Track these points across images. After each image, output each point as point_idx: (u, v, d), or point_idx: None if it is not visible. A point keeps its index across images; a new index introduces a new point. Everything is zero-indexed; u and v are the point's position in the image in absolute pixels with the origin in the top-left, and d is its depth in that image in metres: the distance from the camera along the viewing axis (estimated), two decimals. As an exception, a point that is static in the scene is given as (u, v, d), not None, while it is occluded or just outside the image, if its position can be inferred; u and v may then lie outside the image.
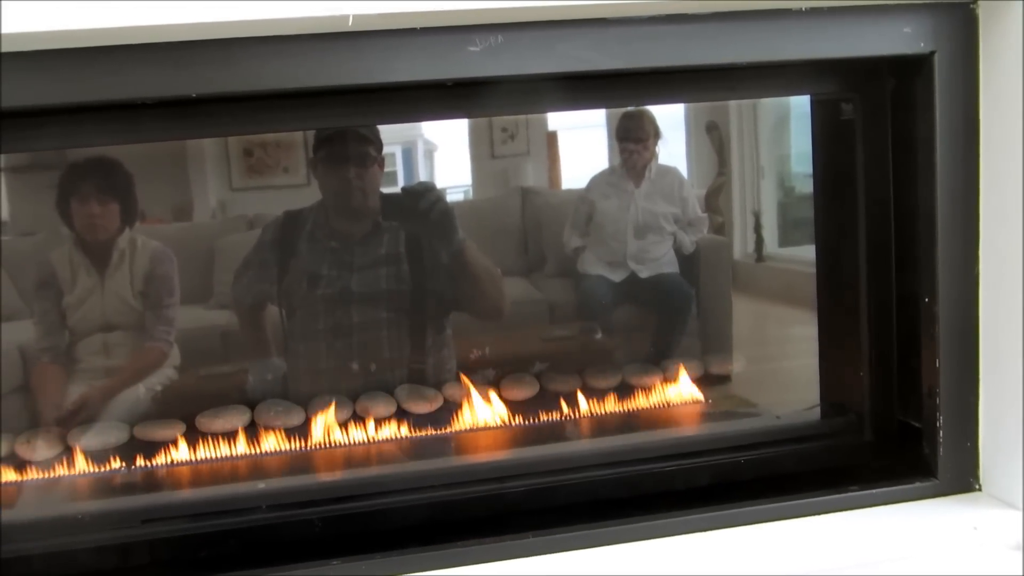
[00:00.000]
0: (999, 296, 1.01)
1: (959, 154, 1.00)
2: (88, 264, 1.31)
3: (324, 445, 1.22)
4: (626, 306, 1.51)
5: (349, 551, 0.97)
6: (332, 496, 1.05)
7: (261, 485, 1.10)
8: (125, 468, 1.18)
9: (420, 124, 1.41)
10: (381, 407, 1.28)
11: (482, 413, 1.27)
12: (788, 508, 1.03)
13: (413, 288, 1.36)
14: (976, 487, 1.06)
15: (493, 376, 1.36)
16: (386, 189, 1.33)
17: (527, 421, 1.27)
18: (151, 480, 1.17)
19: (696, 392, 1.34)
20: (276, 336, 1.36)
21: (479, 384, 1.31)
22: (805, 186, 1.25)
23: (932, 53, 0.98)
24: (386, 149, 1.31)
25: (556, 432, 1.28)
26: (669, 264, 1.48)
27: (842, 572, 0.99)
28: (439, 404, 1.31)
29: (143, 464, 1.18)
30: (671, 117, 1.45)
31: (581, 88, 1.00)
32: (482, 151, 1.49)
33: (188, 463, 1.19)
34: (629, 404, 1.32)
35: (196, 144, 1.36)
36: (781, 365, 1.43)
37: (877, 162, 1.10)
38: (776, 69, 1.04)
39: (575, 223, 1.49)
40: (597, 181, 1.49)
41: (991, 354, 1.03)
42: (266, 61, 0.86)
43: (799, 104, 1.22)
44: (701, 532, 1.00)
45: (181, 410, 1.26)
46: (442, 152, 1.45)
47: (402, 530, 1.02)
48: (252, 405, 1.28)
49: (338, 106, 0.96)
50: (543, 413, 1.28)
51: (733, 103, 1.43)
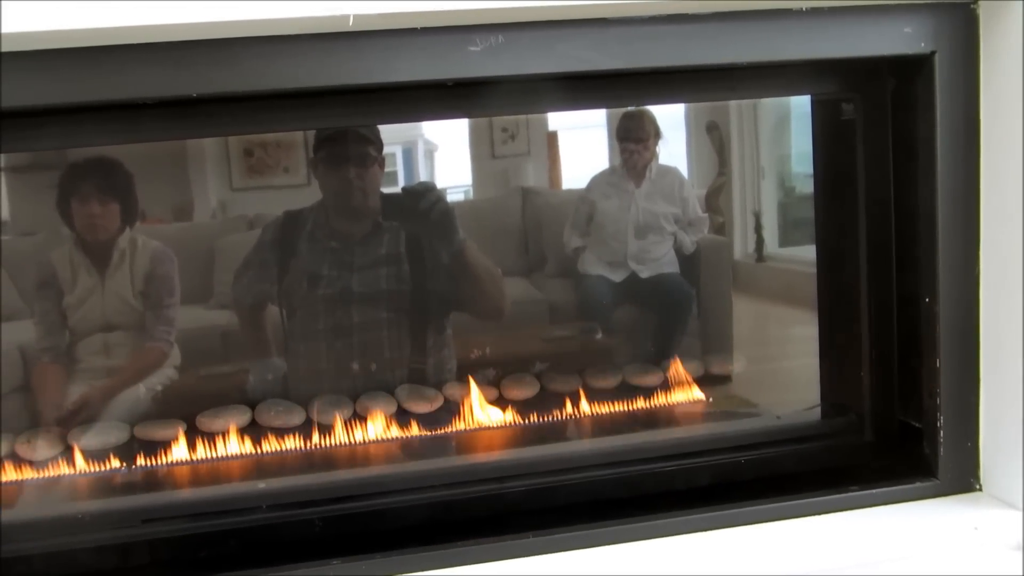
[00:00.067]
0: (999, 296, 1.01)
1: (960, 154, 1.00)
2: (88, 264, 1.31)
3: (324, 445, 1.22)
4: (626, 306, 1.51)
5: (349, 551, 0.97)
6: (332, 496, 1.05)
7: (261, 485, 1.10)
8: (125, 468, 1.18)
9: (420, 124, 1.41)
10: (381, 407, 1.28)
11: (482, 413, 1.27)
12: (788, 508, 1.03)
13: (413, 288, 1.36)
14: (976, 487, 1.06)
15: (494, 376, 1.36)
16: (386, 189, 1.33)
17: (527, 421, 1.27)
18: (151, 480, 1.17)
19: (697, 392, 1.34)
20: (276, 336, 1.36)
21: (480, 384, 1.31)
22: (805, 186, 1.25)
23: (932, 53, 0.98)
24: (386, 149, 1.31)
25: (556, 432, 1.28)
26: (669, 264, 1.47)
27: (842, 572, 0.99)
28: (439, 404, 1.31)
29: (143, 464, 1.18)
30: (671, 117, 1.45)
31: (581, 88, 1.00)
32: (482, 151, 1.48)
33: (188, 463, 1.19)
34: (629, 404, 1.32)
35: (196, 144, 1.36)
36: (781, 365, 1.42)
37: (877, 162, 1.10)
38: (776, 69, 1.04)
39: (575, 223, 1.48)
40: (597, 181, 1.49)
41: (991, 354, 1.03)
42: (266, 61, 0.86)
43: (799, 104, 1.22)
44: (701, 532, 1.00)
45: (181, 410, 1.26)
46: (442, 152, 1.44)
47: (402, 530, 1.02)
48: (252, 405, 1.28)
49: (338, 106, 0.96)
50: (543, 413, 1.28)
51: (733, 103, 1.43)
